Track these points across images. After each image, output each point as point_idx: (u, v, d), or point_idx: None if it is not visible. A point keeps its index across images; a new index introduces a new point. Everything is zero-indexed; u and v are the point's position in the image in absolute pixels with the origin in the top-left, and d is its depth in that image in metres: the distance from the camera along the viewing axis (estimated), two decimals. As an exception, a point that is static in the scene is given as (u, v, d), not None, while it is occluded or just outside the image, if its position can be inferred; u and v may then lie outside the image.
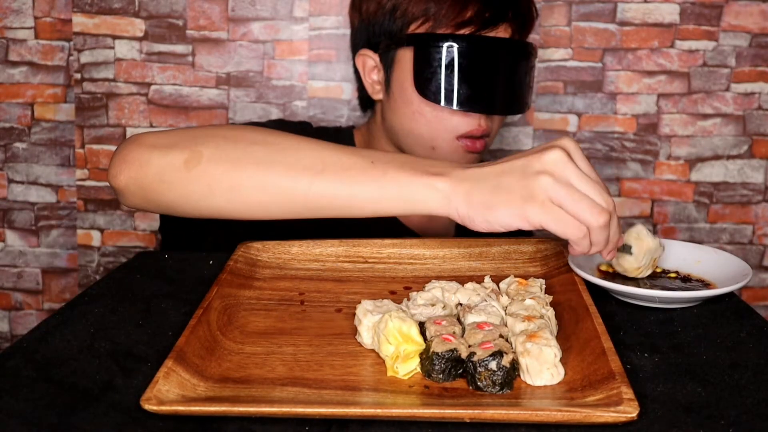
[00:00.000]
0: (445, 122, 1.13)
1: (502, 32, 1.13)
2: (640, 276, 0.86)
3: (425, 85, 1.12)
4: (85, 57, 1.56)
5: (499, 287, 0.83)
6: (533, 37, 1.55)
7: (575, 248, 0.76)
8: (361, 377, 0.68)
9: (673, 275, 0.88)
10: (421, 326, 0.73)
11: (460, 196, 0.76)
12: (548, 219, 0.73)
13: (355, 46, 1.22)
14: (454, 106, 1.11)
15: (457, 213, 0.77)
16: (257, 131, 0.88)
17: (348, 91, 1.59)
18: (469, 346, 0.68)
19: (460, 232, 1.26)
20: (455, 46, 1.10)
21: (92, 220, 1.63)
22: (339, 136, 1.28)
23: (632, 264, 0.85)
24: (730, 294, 0.85)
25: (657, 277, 0.88)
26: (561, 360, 0.67)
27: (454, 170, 0.79)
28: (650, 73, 1.57)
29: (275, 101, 1.58)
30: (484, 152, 1.17)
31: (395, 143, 1.20)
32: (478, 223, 0.76)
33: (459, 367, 0.67)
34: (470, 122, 1.13)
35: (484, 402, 0.64)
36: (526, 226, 0.74)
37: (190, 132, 0.89)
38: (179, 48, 1.56)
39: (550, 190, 0.73)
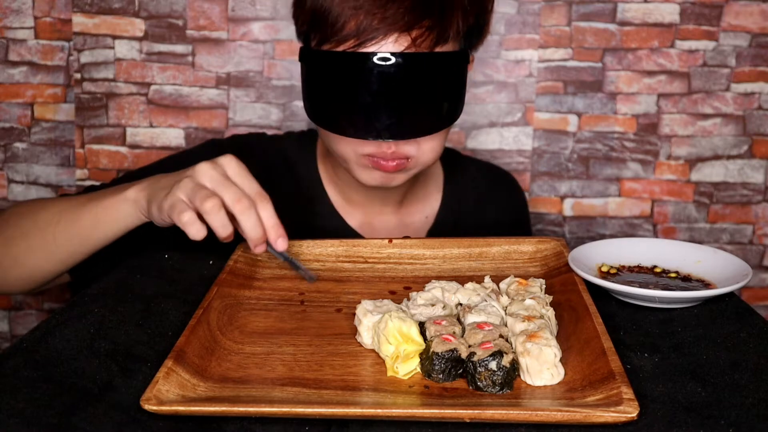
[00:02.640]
0: (347, 142, 1.03)
1: (392, 45, 0.97)
2: None
3: (307, 104, 1.05)
4: (85, 57, 1.55)
5: (499, 287, 0.83)
6: (532, 37, 1.55)
7: (189, 231, 0.84)
8: (361, 377, 0.68)
9: (673, 275, 0.89)
10: (421, 326, 0.73)
11: (143, 199, 0.91)
12: (167, 206, 0.84)
13: None
14: (332, 131, 1.02)
15: (146, 212, 0.91)
16: (23, 207, 1.04)
17: (348, 91, 1.58)
18: (469, 346, 0.68)
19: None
20: (321, 63, 1.01)
21: (92, 220, 1.62)
22: (301, 141, 1.24)
23: None
24: (730, 294, 0.85)
25: (657, 277, 0.88)
26: (561, 360, 0.67)
27: (148, 181, 0.93)
28: (650, 73, 1.57)
29: (275, 101, 1.58)
30: (407, 170, 1.06)
31: None
32: (155, 217, 0.89)
33: (459, 367, 0.67)
34: (373, 145, 1.02)
35: (484, 402, 0.64)
36: (165, 218, 0.87)
37: None
38: (179, 48, 1.56)
39: (182, 188, 0.84)
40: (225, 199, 0.84)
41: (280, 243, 0.85)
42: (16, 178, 1.60)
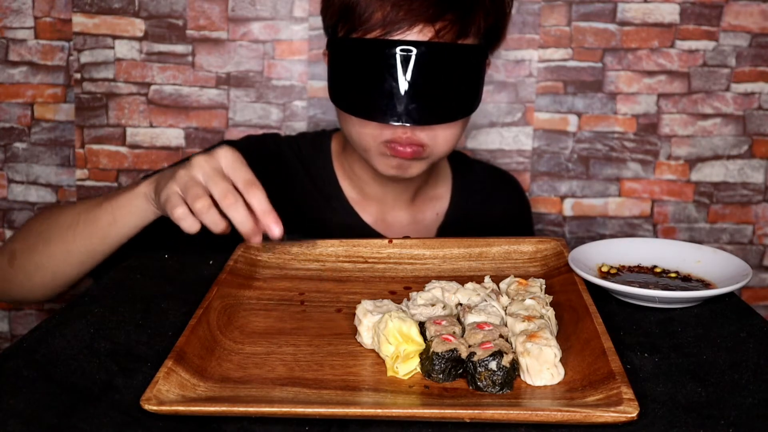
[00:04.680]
0: (366, 128, 1.07)
1: (416, 35, 1.01)
2: None
3: (332, 90, 1.08)
4: (85, 57, 1.55)
5: (499, 287, 0.83)
6: (532, 37, 1.55)
7: (182, 225, 0.85)
8: (361, 377, 0.68)
9: (673, 275, 0.89)
10: (421, 326, 0.73)
11: (152, 192, 0.93)
12: (163, 199, 0.86)
13: None
14: (354, 114, 1.05)
15: (156, 203, 0.93)
16: (48, 211, 1.08)
17: (348, 91, 1.58)
18: (469, 346, 0.68)
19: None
20: (346, 50, 1.05)
21: (92, 220, 1.62)
22: (315, 140, 1.26)
23: None
24: (730, 294, 0.85)
25: (657, 277, 0.88)
26: (561, 360, 0.67)
27: (158, 175, 0.94)
28: (650, 73, 1.57)
29: (275, 101, 1.58)
30: (424, 158, 1.09)
31: None
32: (161, 209, 0.90)
33: (459, 367, 0.67)
34: (392, 130, 1.05)
35: (484, 402, 0.64)
36: (162, 207, 0.88)
37: (14, 234, 1.10)
38: (179, 48, 1.56)
39: (177, 180, 0.85)
40: (214, 195, 0.83)
41: (273, 229, 0.83)
42: (16, 178, 1.60)
